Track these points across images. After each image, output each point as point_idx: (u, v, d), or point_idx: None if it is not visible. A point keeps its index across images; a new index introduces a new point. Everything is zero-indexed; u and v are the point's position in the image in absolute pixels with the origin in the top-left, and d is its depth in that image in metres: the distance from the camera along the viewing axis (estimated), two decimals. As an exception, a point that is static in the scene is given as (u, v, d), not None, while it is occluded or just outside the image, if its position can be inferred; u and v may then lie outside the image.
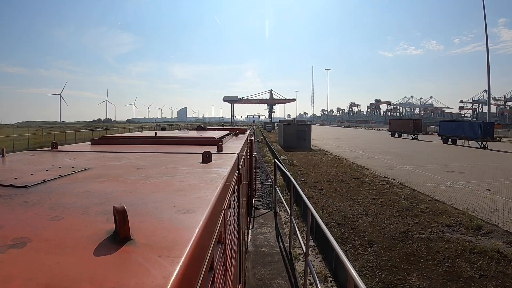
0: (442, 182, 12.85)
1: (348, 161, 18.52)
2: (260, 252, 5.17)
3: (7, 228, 0.79)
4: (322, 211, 8.73)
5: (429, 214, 8.66)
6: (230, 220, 1.70)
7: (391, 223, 7.93)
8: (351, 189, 11.35)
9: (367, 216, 8.41)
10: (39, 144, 29.19)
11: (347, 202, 9.66)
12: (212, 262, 1.00)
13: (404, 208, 9.07)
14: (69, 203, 1.01)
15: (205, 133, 4.21)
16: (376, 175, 14.18)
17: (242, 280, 2.81)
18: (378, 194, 10.62)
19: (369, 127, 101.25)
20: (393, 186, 11.95)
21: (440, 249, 6.50)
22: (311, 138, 28.30)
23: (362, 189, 11.43)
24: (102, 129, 60.70)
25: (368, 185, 12.00)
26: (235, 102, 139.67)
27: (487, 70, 49.43)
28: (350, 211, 8.82)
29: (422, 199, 10.19)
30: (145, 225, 0.81)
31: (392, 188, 11.52)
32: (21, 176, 1.39)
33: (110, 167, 1.71)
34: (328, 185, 12.05)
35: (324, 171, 15.12)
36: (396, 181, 12.85)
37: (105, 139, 3.28)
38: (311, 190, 11.25)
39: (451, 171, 15.52)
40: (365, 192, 10.91)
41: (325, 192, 10.86)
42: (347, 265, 2.13)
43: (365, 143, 33.02)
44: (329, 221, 7.93)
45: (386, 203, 9.59)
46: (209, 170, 1.65)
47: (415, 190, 11.34)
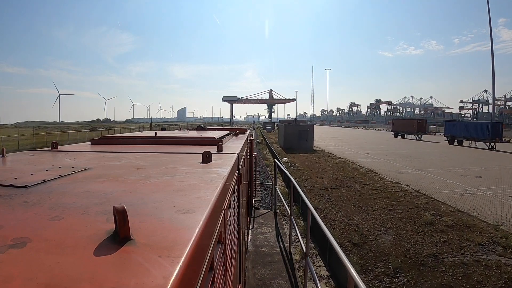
0: (460, 189, 11.68)
1: (354, 164, 17.32)
2: (260, 252, 5.12)
3: (7, 228, 0.79)
4: (333, 226, 7.54)
5: (456, 230, 7.49)
6: (230, 220, 1.68)
7: (416, 242, 6.74)
8: (363, 198, 10.15)
9: (386, 232, 7.22)
10: (30, 146, 28.07)
11: (360, 214, 8.46)
12: (212, 262, 0.99)
13: (427, 222, 7.89)
14: (69, 203, 1.00)
15: (205, 133, 4.15)
16: (387, 180, 12.99)
17: (242, 280, 2.78)
18: (393, 204, 9.43)
19: (369, 127, 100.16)
20: (408, 193, 10.76)
21: (481, 278, 5.33)
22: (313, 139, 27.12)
23: (374, 197, 10.24)
24: (99, 129, 59.37)
25: (381, 193, 10.81)
26: (234, 102, 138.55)
27: (491, 70, 48.37)
28: (365, 226, 7.63)
29: (444, 210, 9.01)
30: (145, 225, 0.81)
31: (408, 196, 10.34)
32: (21, 176, 1.38)
33: (110, 167, 1.69)
34: (336, 192, 10.86)
35: (330, 175, 13.92)
36: (411, 188, 11.67)
37: (105, 139, 3.22)
38: (318, 198, 10.05)
39: (466, 176, 14.38)
40: (379, 202, 9.72)
41: (333, 202, 9.66)
42: (347, 265, 2.11)
43: (369, 144, 31.81)
44: (343, 240, 6.73)
45: (405, 216, 8.41)
46: (209, 170, 1.64)
47: (434, 199, 10.16)
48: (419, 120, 40.16)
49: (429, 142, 34.97)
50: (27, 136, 34.86)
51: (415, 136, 39.46)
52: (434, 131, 55.07)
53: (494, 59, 48.30)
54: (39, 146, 21.90)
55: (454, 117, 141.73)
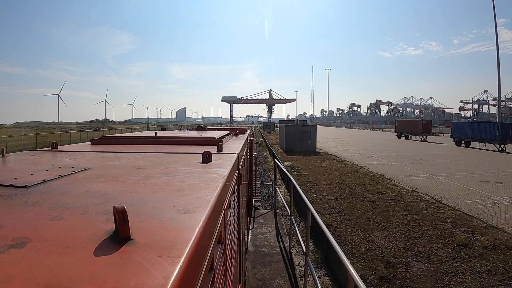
0: (484, 198, 10.43)
1: (362, 169, 16.01)
2: (260, 252, 5.09)
3: (7, 228, 0.79)
4: (351, 250, 6.25)
5: (497, 253, 6.23)
6: (230, 220, 1.68)
7: (455, 272, 5.46)
8: (379, 210, 8.85)
9: (417, 259, 5.93)
10: (19, 148, 26.77)
11: (381, 233, 7.17)
12: (212, 262, 0.99)
13: (461, 243, 6.61)
14: (69, 203, 1.00)
15: (205, 133, 4.14)
16: (402, 187, 11.70)
17: (242, 280, 2.75)
18: (416, 219, 8.14)
19: (370, 127, 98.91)
20: (429, 204, 9.47)
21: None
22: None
23: (392, 209, 8.95)
24: (96, 129, 57.95)
25: (398, 203, 9.52)
26: (234, 102, 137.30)
27: (497, 70, 47.22)
28: (390, 249, 6.34)
29: (475, 225, 7.74)
30: (145, 225, 0.80)
31: (430, 208, 9.05)
32: (21, 176, 1.37)
33: (110, 167, 1.68)
34: (348, 203, 9.56)
35: (338, 182, 12.61)
36: (430, 197, 10.39)
37: (105, 139, 3.20)
38: (327, 211, 8.75)
39: (485, 181, 13.13)
40: (399, 215, 8.42)
41: (346, 216, 8.36)
42: (347, 265, 2.11)
43: (374, 146, 30.50)
44: (365, 272, 5.43)
45: (433, 234, 7.12)
46: (209, 170, 1.63)
47: (460, 211, 8.88)
48: (424, 121, 38.87)
49: (435, 143, 33.69)
50: (20, 137, 33.52)
51: (419, 137, 38.21)
52: (437, 131, 53.82)
53: (499, 58, 47.20)
54: (30, 148, 20.70)
55: (454, 118, 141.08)
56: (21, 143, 29.82)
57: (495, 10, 47.53)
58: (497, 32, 47.06)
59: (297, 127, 26.12)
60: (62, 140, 33.82)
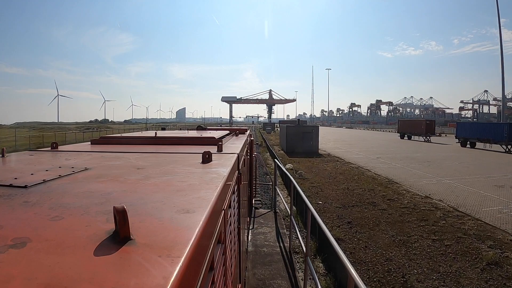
0: (503, 204, 9.65)
1: (369, 172, 15.19)
2: (260, 252, 5.06)
3: (7, 228, 0.78)
4: (367, 272, 5.44)
5: (534, 273, 5.41)
6: (230, 220, 1.68)
7: (492, 301, 4.65)
8: (393, 221, 8.04)
9: (444, 283, 5.12)
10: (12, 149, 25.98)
11: (398, 250, 6.36)
12: (212, 262, 0.98)
13: (490, 261, 5.82)
14: (69, 203, 1.00)
15: (205, 133, 4.11)
16: (414, 193, 10.89)
17: (242, 280, 2.75)
18: (436, 231, 7.34)
19: (371, 128, 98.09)
20: (447, 213, 8.67)
21: None
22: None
23: (407, 219, 8.14)
24: (93, 130, 57.07)
25: (413, 212, 8.71)
26: (233, 102, 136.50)
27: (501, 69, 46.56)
28: (411, 270, 5.54)
29: (501, 238, 6.95)
30: (145, 225, 0.80)
31: (448, 218, 8.25)
32: (21, 176, 1.37)
33: (110, 167, 1.68)
34: (358, 212, 8.74)
35: (345, 187, 11.77)
36: (446, 204, 9.58)
37: (105, 139, 3.18)
38: (336, 222, 7.93)
39: (500, 186, 12.35)
40: (416, 227, 7.62)
41: (358, 227, 7.55)
42: (347, 265, 2.08)
43: (377, 147, 29.67)
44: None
45: (457, 250, 6.32)
46: (209, 170, 1.63)
47: (481, 221, 8.09)
48: (428, 121, 38.01)
49: (439, 144, 32.88)
50: (13, 138, 32.65)
51: (423, 138, 37.41)
52: (438, 132, 52.98)
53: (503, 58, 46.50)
54: (22, 149, 19.87)
55: (455, 118, 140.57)
56: (14, 144, 29.06)
57: (499, 11, 46.76)
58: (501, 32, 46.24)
59: (298, 128, 25.25)
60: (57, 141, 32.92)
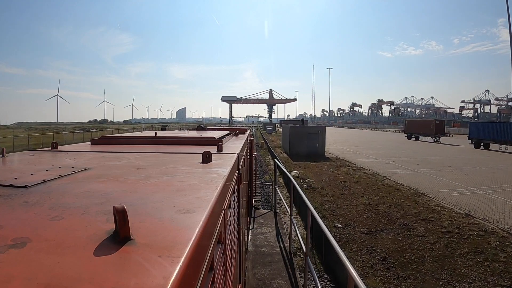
0: None
1: (388, 180, 13.33)
2: (260, 252, 5.02)
3: (7, 228, 0.78)
4: None
5: None
6: (230, 220, 1.67)
7: None
8: (440, 254, 6.19)
9: None
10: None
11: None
12: (212, 262, 0.98)
13: None
14: (69, 203, 1.00)
15: (205, 133, 4.12)
16: (451, 210, 9.03)
17: (242, 280, 2.74)
18: (501, 270, 5.62)
19: (373, 128, 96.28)
20: (502, 240, 6.89)
21: None
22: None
23: (457, 251, 6.30)
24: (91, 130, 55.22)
25: (460, 240, 6.88)
26: (233, 102, 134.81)
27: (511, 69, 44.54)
28: None
29: None
30: (145, 225, 0.80)
31: (507, 248, 6.42)
32: (21, 176, 1.36)
33: (110, 167, 1.68)
34: (390, 241, 6.86)
35: (366, 202, 9.84)
36: (495, 226, 7.78)
37: (105, 139, 3.18)
38: (367, 259, 6.05)
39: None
40: (472, 264, 5.83)
41: (396, 268, 5.71)
42: (347, 265, 2.07)
43: (386, 148, 27.85)
44: None
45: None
46: (209, 170, 1.63)
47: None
48: (438, 121, 36.24)
49: (450, 145, 31.07)
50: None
51: (432, 139, 35.55)
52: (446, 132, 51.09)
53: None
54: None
55: (456, 117, 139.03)
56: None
57: (509, 11, 44.75)
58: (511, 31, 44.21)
59: (303, 128, 23.35)
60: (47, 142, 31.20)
